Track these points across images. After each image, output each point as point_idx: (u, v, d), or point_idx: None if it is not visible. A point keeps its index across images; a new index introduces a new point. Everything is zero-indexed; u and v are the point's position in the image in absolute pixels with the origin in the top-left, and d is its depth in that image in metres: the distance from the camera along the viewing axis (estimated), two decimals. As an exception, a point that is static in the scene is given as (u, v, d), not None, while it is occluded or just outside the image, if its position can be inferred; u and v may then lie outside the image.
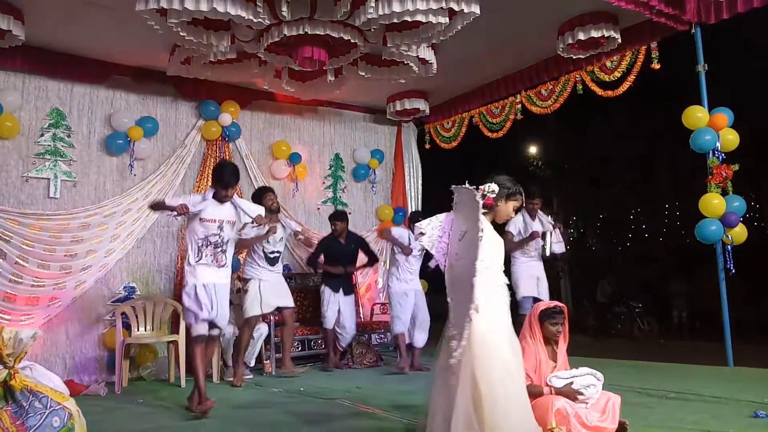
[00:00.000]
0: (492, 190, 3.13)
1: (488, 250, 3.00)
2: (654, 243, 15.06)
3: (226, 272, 4.76)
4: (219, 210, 4.64)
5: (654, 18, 5.63)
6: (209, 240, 4.59)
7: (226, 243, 4.67)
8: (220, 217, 4.63)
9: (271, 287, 5.98)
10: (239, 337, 5.97)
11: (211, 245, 4.60)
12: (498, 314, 2.97)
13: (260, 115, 7.82)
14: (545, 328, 3.41)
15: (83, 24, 5.65)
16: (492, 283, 3.00)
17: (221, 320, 4.70)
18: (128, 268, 6.66)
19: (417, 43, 5.61)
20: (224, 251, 4.67)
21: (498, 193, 3.15)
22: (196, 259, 4.57)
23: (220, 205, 4.66)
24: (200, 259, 4.57)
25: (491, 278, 3.01)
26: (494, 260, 3.07)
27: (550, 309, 3.45)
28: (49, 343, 6.11)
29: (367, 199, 8.61)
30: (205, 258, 4.58)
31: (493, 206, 3.17)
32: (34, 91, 6.32)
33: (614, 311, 12.91)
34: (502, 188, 3.18)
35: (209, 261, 4.59)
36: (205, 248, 4.58)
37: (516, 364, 2.96)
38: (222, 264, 4.66)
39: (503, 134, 7.68)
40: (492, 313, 2.92)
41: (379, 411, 4.22)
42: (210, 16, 4.83)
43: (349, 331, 6.71)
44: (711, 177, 5.76)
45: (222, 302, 4.66)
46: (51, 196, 6.30)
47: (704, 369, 5.79)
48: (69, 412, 3.11)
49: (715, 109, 5.82)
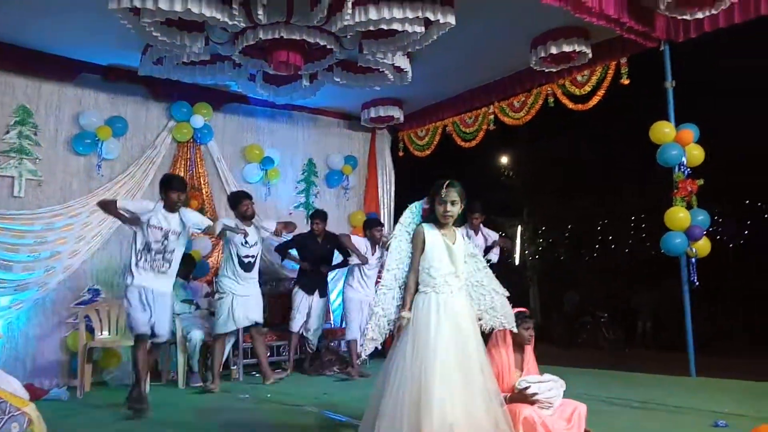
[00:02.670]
0: (425, 198, 3.27)
1: (429, 257, 3.14)
2: (620, 254, 15.31)
3: (167, 281, 4.84)
4: (167, 219, 4.79)
5: (624, 34, 5.76)
6: (151, 246, 4.72)
7: (169, 252, 4.78)
8: (167, 226, 4.77)
9: (244, 302, 5.86)
10: (212, 352, 5.91)
11: (152, 251, 4.72)
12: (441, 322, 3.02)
13: (233, 118, 7.75)
14: (519, 333, 3.41)
15: (53, 20, 5.53)
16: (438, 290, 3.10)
17: (160, 328, 4.75)
18: (92, 270, 6.52)
19: (393, 51, 5.63)
20: (166, 260, 4.77)
21: (429, 198, 3.24)
22: (135, 262, 4.70)
23: (169, 214, 4.81)
24: (139, 262, 4.70)
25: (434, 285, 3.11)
26: (439, 266, 3.13)
27: (521, 313, 3.47)
28: (9, 345, 5.95)
29: (340, 205, 8.59)
30: (144, 263, 4.71)
31: (432, 212, 3.24)
32: (0, 88, 6.16)
33: (581, 321, 13.08)
34: (430, 191, 3.24)
35: (147, 267, 4.71)
36: (146, 254, 4.71)
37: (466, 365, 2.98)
38: (162, 271, 4.77)
39: (476, 144, 7.76)
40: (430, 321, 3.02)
41: (346, 417, 4.20)
42: (184, 16, 4.77)
43: (316, 332, 6.73)
44: (676, 191, 5.90)
45: (161, 309, 4.74)
46: (15, 195, 6.14)
47: (667, 379, 5.91)
48: (29, 417, 3.02)
49: (682, 125, 5.96)
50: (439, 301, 3.06)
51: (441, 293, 3.08)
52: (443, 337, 2.98)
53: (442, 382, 2.86)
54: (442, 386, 2.85)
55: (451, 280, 3.13)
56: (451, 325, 3.03)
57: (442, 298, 3.08)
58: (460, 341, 3.02)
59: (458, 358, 2.97)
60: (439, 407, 2.81)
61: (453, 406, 2.84)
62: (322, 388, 5.61)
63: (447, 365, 2.91)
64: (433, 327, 2.99)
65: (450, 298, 3.10)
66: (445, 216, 3.18)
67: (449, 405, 2.83)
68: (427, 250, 3.14)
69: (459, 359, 2.97)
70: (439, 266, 3.13)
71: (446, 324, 3.02)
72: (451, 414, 2.81)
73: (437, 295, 3.08)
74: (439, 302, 3.06)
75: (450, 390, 2.87)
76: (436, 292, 3.08)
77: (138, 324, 4.65)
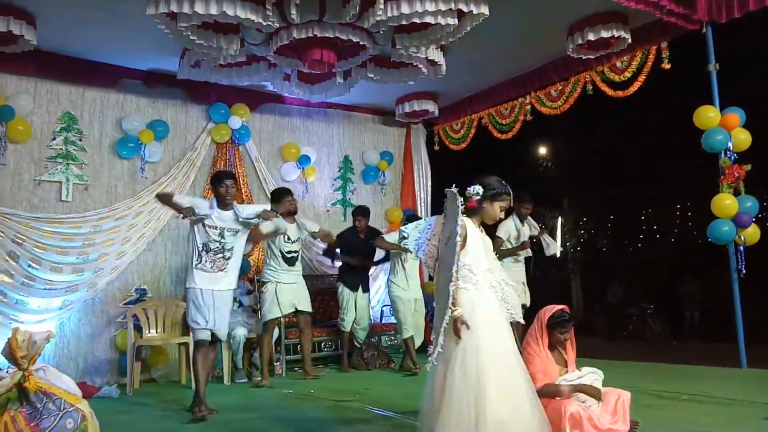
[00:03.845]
0: (476, 192, 3.11)
1: (471, 253, 3.02)
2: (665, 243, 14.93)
3: (229, 279, 4.73)
4: (221, 218, 4.67)
5: (664, 18, 5.59)
6: (209, 246, 4.62)
7: (228, 250, 4.67)
8: (222, 224, 4.66)
9: (289, 289, 5.97)
10: (260, 343, 6.00)
11: (211, 252, 4.62)
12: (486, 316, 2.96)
13: (270, 118, 7.84)
14: (553, 335, 3.37)
15: (94, 29, 5.70)
16: (479, 286, 3.01)
17: (219, 330, 4.69)
18: (139, 270, 6.70)
19: (426, 44, 5.60)
20: (225, 258, 4.67)
21: (483, 195, 3.12)
22: (195, 263, 4.61)
23: (223, 212, 4.70)
24: (199, 263, 4.60)
25: (476, 281, 3.01)
26: (478, 262, 3.04)
27: (559, 316, 3.39)
28: (62, 345, 6.16)
29: (377, 200, 8.61)
30: (204, 264, 4.61)
31: (478, 208, 3.14)
32: (46, 96, 6.38)
33: (625, 313, 12.82)
34: (488, 189, 3.14)
35: (208, 267, 4.61)
36: (205, 254, 4.61)
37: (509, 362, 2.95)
38: (223, 269, 4.66)
39: (513, 135, 7.66)
40: (476, 317, 2.92)
41: (390, 412, 4.22)
42: (219, 19, 4.86)
43: (365, 327, 6.79)
44: (723, 177, 5.72)
45: (220, 311, 4.65)
46: (63, 200, 6.35)
47: (717, 371, 5.75)
48: (82, 413, 3.13)
49: (727, 108, 5.77)
50: (480, 297, 3.02)
51: (481, 289, 3.04)
52: (489, 335, 2.95)
53: (493, 379, 2.84)
54: (494, 383, 2.83)
55: (488, 276, 3.09)
56: (493, 322, 3.00)
57: (482, 294, 3.04)
58: (503, 338, 3.00)
59: (504, 355, 2.95)
60: (493, 405, 2.79)
61: (503, 403, 2.83)
62: (364, 384, 5.64)
63: (496, 363, 2.88)
64: (480, 325, 2.94)
65: (488, 293, 3.06)
66: (494, 219, 3.18)
67: (500, 402, 2.82)
68: (468, 246, 3.05)
69: (504, 356, 2.95)
70: (480, 262, 3.08)
71: (489, 321, 2.98)
72: (502, 411, 2.80)
73: (478, 291, 3.02)
74: (480, 299, 3.01)
75: (500, 387, 2.85)
76: (477, 288, 3.02)
77: (197, 328, 4.59)
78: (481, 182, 3.15)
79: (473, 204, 3.11)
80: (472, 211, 3.13)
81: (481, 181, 3.16)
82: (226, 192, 4.68)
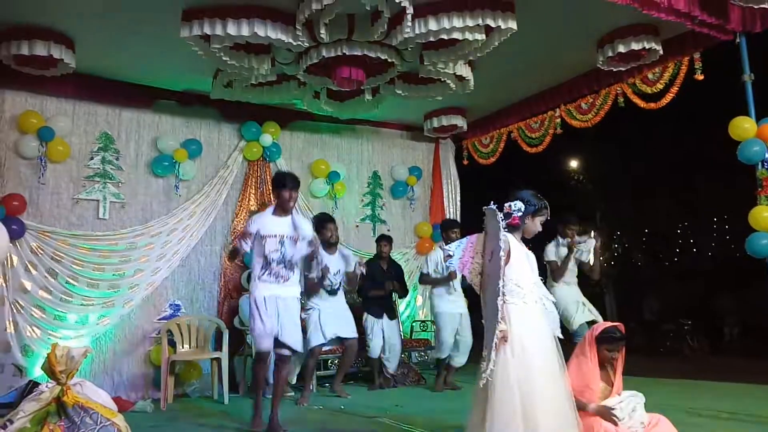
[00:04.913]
0: (518, 208, 3.16)
1: (516, 268, 3.05)
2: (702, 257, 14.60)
3: (293, 289, 4.53)
4: (279, 225, 4.45)
5: (696, 28, 5.52)
6: (272, 257, 4.39)
7: (288, 259, 4.43)
8: (280, 232, 4.42)
9: (334, 316, 5.88)
10: (305, 366, 5.95)
11: (274, 262, 4.39)
12: (534, 331, 2.98)
13: (299, 135, 7.94)
14: (601, 352, 3.24)
15: (130, 51, 5.86)
16: (526, 300, 3.01)
17: (288, 337, 4.43)
18: (173, 286, 6.81)
19: (454, 60, 5.62)
20: (288, 267, 4.44)
21: (524, 211, 3.18)
22: (259, 275, 4.42)
23: (280, 219, 4.48)
24: (263, 275, 4.41)
25: (523, 295, 3.02)
26: (523, 277, 3.07)
27: (610, 333, 3.26)
28: (98, 360, 6.29)
29: (406, 216, 8.62)
30: (267, 276, 4.40)
31: (520, 225, 3.19)
32: (84, 116, 6.57)
33: (662, 329, 12.52)
34: (528, 205, 3.21)
35: (271, 279, 4.41)
36: (266, 266, 4.40)
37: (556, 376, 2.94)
38: (286, 280, 4.45)
39: (543, 149, 7.60)
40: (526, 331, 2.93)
41: (420, 429, 4.19)
42: (251, 40, 4.97)
43: (396, 355, 6.67)
44: (761, 189, 5.58)
45: (287, 317, 4.43)
46: (100, 218, 6.51)
47: (759, 388, 5.58)
48: (118, 428, 3.19)
49: (764, 119, 5.64)
50: (528, 312, 3.03)
51: (528, 303, 3.05)
52: (539, 350, 2.97)
53: (542, 395, 2.86)
54: (543, 400, 2.85)
55: (535, 290, 3.11)
56: (542, 337, 3.02)
57: (530, 308, 3.05)
58: (551, 352, 3.01)
59: (551, 372, 2.95)
60: (541, 420, 2.81)
61: (551, 419, 2.84)
62: (394, 400, 5.61)
63: (545, 380, 2.90)
64: (530, 342, 2.95)
65: (534, 307, 3.07)
66: (534, 233, 3.25)
67: (548, 418, 2.83)
68: (512, 260, 3.08)
69: (552, 373, 2.95)
70: (525, 276, 3.10)
71: (539, 336, 3.00)
72: (550, 428, 2.82)
73: (526, 305, 3.03)
74: (528, 313, 3.02)
75: (549, 403, 2.87)
76: (525, 302, 3.04)
77: (259, 337, 4.36)
78: (521, 198, 3.20)
79: (516, 221, 3.16)
80: (514, 227, 3.19)
81: (520, 197, 3.21)
82: (289, 197, 4.46)
